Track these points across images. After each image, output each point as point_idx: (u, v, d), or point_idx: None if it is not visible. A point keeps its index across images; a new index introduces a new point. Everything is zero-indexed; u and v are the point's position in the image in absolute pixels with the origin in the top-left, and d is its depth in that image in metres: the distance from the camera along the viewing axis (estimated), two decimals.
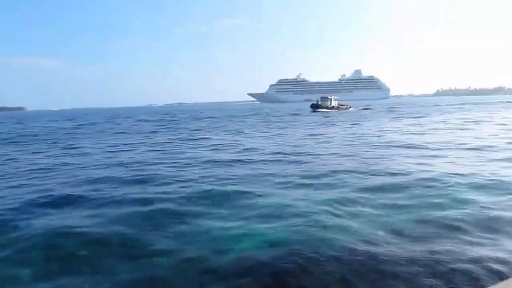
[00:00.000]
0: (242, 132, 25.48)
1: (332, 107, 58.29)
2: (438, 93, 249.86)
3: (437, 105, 67.96)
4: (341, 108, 59.52)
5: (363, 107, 63.98)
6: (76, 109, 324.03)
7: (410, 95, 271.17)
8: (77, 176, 10.77)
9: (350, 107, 60.91)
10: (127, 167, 11.94)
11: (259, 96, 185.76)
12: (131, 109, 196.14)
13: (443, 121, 28.93)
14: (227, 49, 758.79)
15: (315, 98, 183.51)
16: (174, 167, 11.71)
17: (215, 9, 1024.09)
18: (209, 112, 75.77)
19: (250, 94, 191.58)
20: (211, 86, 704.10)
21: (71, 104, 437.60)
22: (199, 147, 17.34)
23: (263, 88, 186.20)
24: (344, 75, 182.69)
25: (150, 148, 17.23)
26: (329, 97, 61.91)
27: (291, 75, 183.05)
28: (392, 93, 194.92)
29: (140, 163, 12.57)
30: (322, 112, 53.54)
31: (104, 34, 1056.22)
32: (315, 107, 57.57)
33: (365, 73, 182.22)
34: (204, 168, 11.28)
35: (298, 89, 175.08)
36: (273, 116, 47.84)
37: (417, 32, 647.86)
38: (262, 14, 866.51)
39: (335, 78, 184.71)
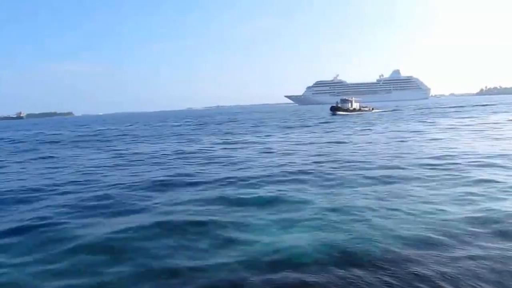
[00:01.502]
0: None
1: (353, 109, 56.33)
2: (482, 92, 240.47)
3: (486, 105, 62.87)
4: (363, 110, 57.75)
5: (392, 109, 61.54)
6: (122, 113, 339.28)
7: (452, 94, 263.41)
8: None
9: (373, 109, 59.39)
10: None
11: (296, 98, 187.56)
12: (176, 112, 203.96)
13: None
14: (265, 50, 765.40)
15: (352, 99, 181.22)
16: None
17: (250, 9, 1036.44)
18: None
19: (287, 96, 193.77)
20: (249, 89, 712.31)
21: (114, 109, 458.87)
22: None
23: (300, 90, 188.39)
24: (382, 75, 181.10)
25: None
26: (349, 98, 59.61)
27: (328, 77, 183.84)
28: (432, 92, 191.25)
29: None
30: (342, 115, 51.60)
31: (140, 38, 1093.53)
32: (334, 109, 55.63)
33: (404, 73, 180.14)
34: None
35: (335, 91, 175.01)
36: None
37: (458, 28, 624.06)
38: (297, 14, 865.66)
39: (373, 79, 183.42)
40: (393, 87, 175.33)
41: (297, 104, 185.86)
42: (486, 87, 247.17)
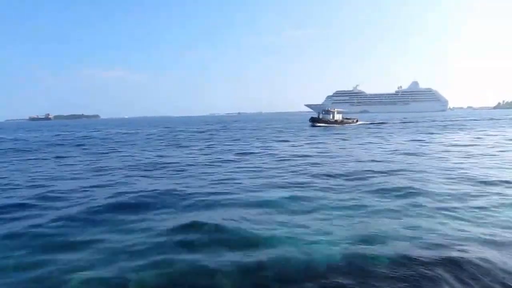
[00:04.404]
0: None
1: (335, 121, 54.06)
2: (499, 106, 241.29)
3: None
4: (346, 122, 55.14)
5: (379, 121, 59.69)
6: (146, 117, 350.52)
7: (470, 107, 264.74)
8: None
9: (357, 120, 57.43)
10: None
11: (315, 107, 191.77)
12: (203, 117, 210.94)
13: None
14: (291, 60, 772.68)
15: (372, 109, 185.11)
16: None
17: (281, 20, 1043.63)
18: None
19: (307, 105, 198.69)
20: (271, 97, 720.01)
21: (138, 113, 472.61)
22: None
23: (320, 99, 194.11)
24: (400, 87, 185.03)
25: None
26: (332, 110, 57.44)
27: (348, 87, 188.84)
28: (450, 105, 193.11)
29: None
30: (322, 126, 50.33)
31: (169, 45, 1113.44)
32: (314, 121, 53.34)
33: (423, 85, 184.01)
34: None
35: (354, 101, 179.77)
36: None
37: (479, 41, 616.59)
38: (323, 26, 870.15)
39: (391, 90, 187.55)
40: (411, 98, 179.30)
41: (316, 113, 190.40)
42: (503, 101, 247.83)
